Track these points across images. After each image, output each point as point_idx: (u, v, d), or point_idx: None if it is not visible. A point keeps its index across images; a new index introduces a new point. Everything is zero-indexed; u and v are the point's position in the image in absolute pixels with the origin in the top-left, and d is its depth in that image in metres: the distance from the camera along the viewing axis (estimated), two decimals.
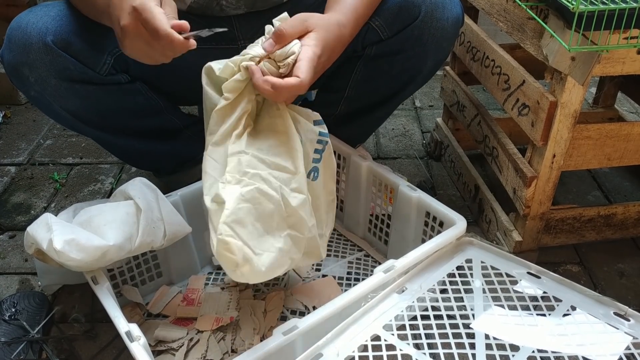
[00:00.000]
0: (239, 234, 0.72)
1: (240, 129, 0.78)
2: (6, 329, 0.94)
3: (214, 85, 0.80)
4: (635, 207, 1.12)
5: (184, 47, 0.73)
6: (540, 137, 0.96)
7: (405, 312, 0.80)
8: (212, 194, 0.75)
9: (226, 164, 0.76)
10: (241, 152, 0.77)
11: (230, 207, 0.72)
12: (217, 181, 0.76)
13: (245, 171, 0.76)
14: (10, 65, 0.93)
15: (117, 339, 0.97)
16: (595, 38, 0.81)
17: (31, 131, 1.64)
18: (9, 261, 1.17)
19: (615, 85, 1.46)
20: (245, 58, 0.77)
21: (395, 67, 1.06)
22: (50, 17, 0.91)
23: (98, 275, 0.85)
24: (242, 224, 0.73)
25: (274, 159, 0.78)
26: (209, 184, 0.77)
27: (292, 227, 0.78)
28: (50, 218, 0.84)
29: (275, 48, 0.76)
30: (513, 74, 1.04)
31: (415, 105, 1.79)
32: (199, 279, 1.07)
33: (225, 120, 0.78)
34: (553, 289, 0.83)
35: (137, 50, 0.76)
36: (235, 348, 0.93)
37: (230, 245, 0.71)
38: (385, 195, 1.09)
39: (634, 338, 0.74)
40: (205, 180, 0.77)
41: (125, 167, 1.47)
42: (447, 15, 0.98)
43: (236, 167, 0.76)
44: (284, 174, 0.78)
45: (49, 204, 1.34)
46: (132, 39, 0.74)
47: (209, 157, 0.78)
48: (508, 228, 1.10)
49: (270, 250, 0.75)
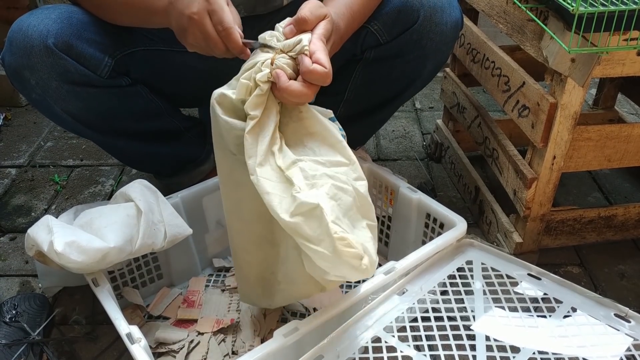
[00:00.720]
0: (346, 230, 0.69)
1: (278, 143, 0.75)
2: (7, 331, 0.94)
3: (231, 112, 0.76)
4: (635, 209, 1.11)
5: (238, 48, 0.76)
6: (541, 139, 0.96)
7: (405, 313, 0.80)
8: (289, 209, 0.70)
9: (285, 180, 0.73)
10: (295, 161, 0.74)
11: (327, 206, 0.68)
12: (284, 197, 0.71)
13: (313, 174, 0.73)
14: (12, 68, 0.93)
15: (117, 341, 0.97)
16: (595, 40, 0.82)
17: (32, 133, 1.64)
18: (10, 263, 1.17)
19: (615, 87, 1.47)
20: (256, 69, 0.73)
21: (394, 70, 1.06)
22: (51, 20, 0.91)
23: (99, 277, 0.85)
24: (341, 220, 0.70)
25: (327, 158, 0.76)
26: (277, 202, 0.71)
27: (365, 216, 0.75)
28: (50, 220, 0.85)
29: (294, 34, 0.75)
30: (513, 76, 1.04)
31: (416, 107, 1.79)
32: (200, 281, 1.07)
33: (259, 140, 0.73)
34: (553, 291, 0.83)
35: (196, 40, 0.79)
36: (236, 350, 0.93)
37: (349, 240, 0.67)
38: (385, 196, 1.09)
39: (634, 339, 0.74)
40: (272, 200, 0.71)
41: (125, 169, 1.47)
42: (446, 19, 0.98)
43: (301, 175, 0.73)
44: (342, 167, 0.76)
45: (50, 206, 1.34)
46: (194, 28, 0.77)
47: (262, 177, 0.72)
48: (508, 229, 1.11)
49: (367, 240, 0.71)
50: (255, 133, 0.73)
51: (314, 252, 0.69)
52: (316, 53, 0.72)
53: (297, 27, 0.75)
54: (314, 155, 0.76)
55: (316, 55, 0.72)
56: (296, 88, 0.72)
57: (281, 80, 0.72)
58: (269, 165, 0.73)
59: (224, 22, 0.75)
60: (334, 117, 0.84)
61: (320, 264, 0.70)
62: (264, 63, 0.73)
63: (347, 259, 0.67)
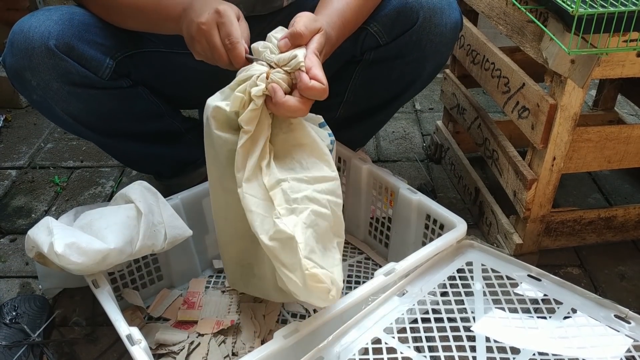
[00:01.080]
0: (317, 262, 0.72)
1: (267, 158, 0.76)
2: (7, 333, 0.94)
3: (225, 125, 0.78)
4: (635, 210, 1.12)
5: (241, 63, 0.77)
6: (541, 140, 0.96)
7: (405, 315, 0.80)
8: (269, 232, 0.73)
9: (268, 198, 0.75)
10: (279, 181, 0.75)
11: (302, 239, 0.71)
12: (265, 217, 0.74)
13: (294, 198, 0.74)
14: (13, 69, 0.93)
15: (117, 343, 0.97)
16: (594, 41, 0.82)
17: (32, 135, 1.65)
18: (10, 265, 1.17)
19: (615, 88, 1.47)
20: (251, 83, 0.74)
21: (394, 72, 1.06)
22: (52, 21, 0.91)
23: (99, 278, 0.85)
24: (314, 251, 0.73)
25: (311, 174, 0.77)
26: (259, 222, 0.74)
27: (337, 234, 0.78)
28: (51, 221, 0.85)
29: (289, 48, 0.76)
30: (513, 77, 1.04)
31: (416, 108, 1.79)
32: (200, 282, 1.07)
33: (250, 155, 0.75)
34: (554, 292, 0.83)
35: (203, 49, 0.80)
36: (236, 351, 0.93)
37: (319, 276, 0.71)
38: (385, 198, 1.09)
39: (634, 341, 0.74)
40: (254, 219, 0.74)
41: (125, 170, 1.47)
42: (446, 20, 0.98)
43: (283, 198, 0.74)
44: (326, 183, 0.77)
45: (50, 208, 1.34)
46: (202, 37, 0.78)
47: (247, 194, 0.75)
48: (508, 231, 1.11)
49: (336, 264, 0.75)
50: (247, 148, 0.75)
51: (286, 277, 0.73)
52: (312, 69, 0.73)
53: (292, 41, 0.76)
54: (300, 168, 0.78)
55: (313, 71, 0.73)
56: (293, 104, 0.73)
57: (278, 95, 0.73)
58: (256, 182, 0.75)
59: (232, 36, 0.76)
60: (324, 122, 0.86)
61: (291, 288, 0.73)
62: (259, 77, 0.74)
63: (316, 292, 0.71)
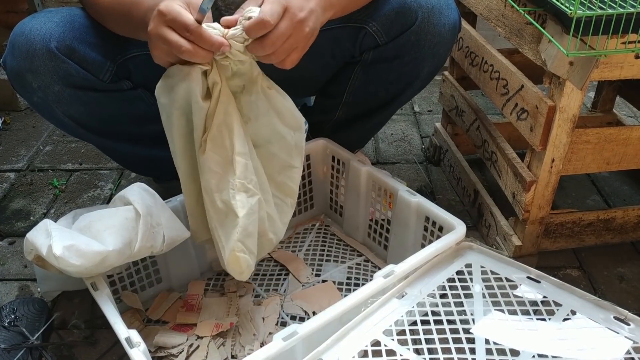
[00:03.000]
0: (247, 246, 0.82)
1: (236, 122, 0.80)
2: (6, 336, 0.93)
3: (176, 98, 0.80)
4: (634, 211, 1.12)
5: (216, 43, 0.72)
6: (539, 142, 0.96)
7: (405, 317, 0.80)
8: (222, 195, 0.80)
9: (231, 162, 0.79)
10: (245, 154, 0.80)
11: (243, 222, 0.80)
12: (222, 178, 0.80)
13: (251, 178, 0.82)
14: (14, 72, 0.93)
15: (116, 345, 0.97)
16: (593, 43, 0.82)
17: (31, 137, 1.64)
18: (9, 267, 1.16)
19: (613, 90, 1.47)
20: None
21: (392, 72, 1.07)
22: (53, 23, 0.91)
23: (98, 281, 0.85)
24: (250, 235, 0.82)
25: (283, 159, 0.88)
26: (215, 182, 0.80)
27: (273, 231, 0.90)
28: (49, 224, 0.85)
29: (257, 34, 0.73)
30: (512, 79, 1.04)
31: (414, 110, 1.79)
32: (199, 285, 1.07)
33: (217, 113, 0.79)
34: (553, 294, 0.83)
35: (165, 56, 0.76)
36: (235, 354, 0.93)
37: (240, 260, 0.82)
38: (384, 200, 1.09)
39: (634, 342, 0.74)
40: (211, 177, 0.80)
41: (124, 172, 1.47)
42: (444, 21, 0.99)
43: (244, 172, 0.80)
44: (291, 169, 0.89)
45: (49, 210, 1.34)
46: (158, 43, 0.73)
47: (211, 152, 0.79)
48: (507, 232, 1.11)
49: (253, 251, 0.84)
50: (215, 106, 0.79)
51: (217, 237, 0.83)
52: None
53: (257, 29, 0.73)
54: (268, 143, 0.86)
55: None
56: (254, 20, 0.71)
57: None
58: (221, 142, 0.80)
59: (189, 26, 0.70)
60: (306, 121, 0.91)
61: (216, 247, 0.85)
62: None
63: (230, 268, 0.83)
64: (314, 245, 1.18)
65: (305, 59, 0.81)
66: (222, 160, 0.80)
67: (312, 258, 1.14)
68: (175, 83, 0.78)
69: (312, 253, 1.16)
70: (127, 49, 1.00)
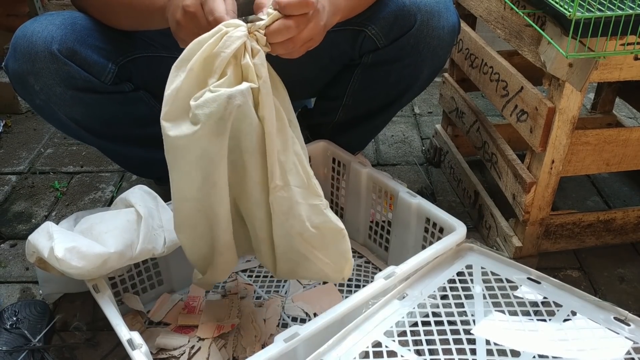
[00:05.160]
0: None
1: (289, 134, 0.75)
2: (7, 338, 0.94)
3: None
4: (634, 212, 1.12)
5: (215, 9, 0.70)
6: (539, 143, 0.97)
7: (406, 318, 0.80)
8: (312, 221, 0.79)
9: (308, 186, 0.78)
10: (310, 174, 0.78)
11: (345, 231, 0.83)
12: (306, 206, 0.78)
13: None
14: (16, 74, 0.93)
15: (118, 347, 0.97)
16: (592, 45, 0.82)
17: (32, 140, 1.65)
18: (10, 270, 1.17)
19: (613, 91, 1.47)
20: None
21: (392, 75, 1.07)
22: (55, 26, 0.92)
23: (99, 283, 0.85)
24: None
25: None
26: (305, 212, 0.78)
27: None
28: (51, 226, 0.85)
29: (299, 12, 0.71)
30: (511, 81, 1.05)
31: (415, 112, 1.80)
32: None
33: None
34: (553, 294, 0.83)
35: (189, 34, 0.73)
36: (237, 355, 0.93)
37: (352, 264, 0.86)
38: (385, 201, 1.09)
39: (634, 343, 0.75)
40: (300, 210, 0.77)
41: (126, 175, 1.47)
42: (443, 23, 0.99)
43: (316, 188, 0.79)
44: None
45: (50, 213, 1.34)
46: (188, 20, 0.72)
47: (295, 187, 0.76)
48: (508, 234, 1.11)
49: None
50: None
51: (314, 259, 0.81)
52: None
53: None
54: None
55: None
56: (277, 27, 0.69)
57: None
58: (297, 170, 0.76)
59: (215, 11, 0.70)
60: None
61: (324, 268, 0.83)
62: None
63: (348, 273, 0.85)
64: None
65: (305, 62, 0.81)
66: (301, 189, 0.76)
67: None
68: (224, 110, 0.67)
69: None
70: (129, 51, 1.01)
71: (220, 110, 0.67)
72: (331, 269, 0.83)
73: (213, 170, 0.72)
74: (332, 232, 0.80)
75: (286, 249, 0.81)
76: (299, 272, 0.85)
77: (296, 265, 0.83)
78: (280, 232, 0.79)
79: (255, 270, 1.12)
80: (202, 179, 0.73)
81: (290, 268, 0.84)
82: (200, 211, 0.77)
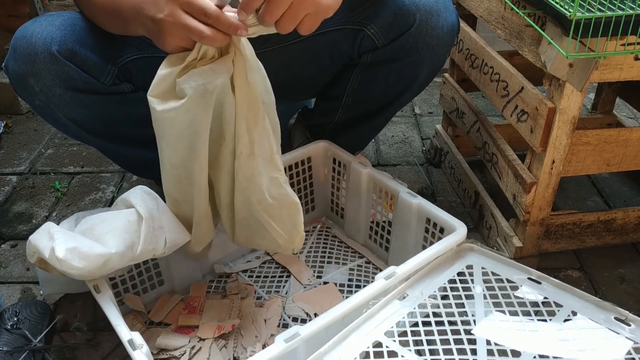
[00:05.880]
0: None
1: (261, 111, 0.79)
2: (8, 338, 0.94)
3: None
4: (635, 212, 1.12)
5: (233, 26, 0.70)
6: (540, 143, 0.97)
7: (406, 318, 0.80)
8: (271, 192, 0.86)
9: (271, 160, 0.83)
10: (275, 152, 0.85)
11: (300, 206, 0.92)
12: (267, 177, 0.85)
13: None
14: (16, 75, 0.93)
15: (119, 348, 0.97)
16: (592, 45, 0.82)
17: (32, 140, 1.65)
18: (11, 270, 1.17)
19: (613, 91, 1.47)
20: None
21: (391, 74, 1.07)
22: (55, 27, 0.92)
23: (100, 283, 0.85)
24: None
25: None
26: (266, 183, 0.85)
27: None
28: (52, 227, 0.85)
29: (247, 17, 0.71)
30: (512, 81, 1.05)
31: (415, 112, 1.80)
32: (201, 287, 1.07)
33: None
34: (554, 295, 0.83)
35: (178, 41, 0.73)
36: (237, 356, 0.93)
37: (303, 236, 0.95)
38: (385, 202, 1.09)
39: (634, 343, 0.75)
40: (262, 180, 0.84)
41: (126, 175, 1.48)
42: (442, 23, 0.99)
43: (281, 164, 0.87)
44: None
45: (51, 213, 1.34)
46: (173, 29, 0.71)
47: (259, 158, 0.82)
48: (508, 234, 1.11)
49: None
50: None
51: (270, 230, 0.89)
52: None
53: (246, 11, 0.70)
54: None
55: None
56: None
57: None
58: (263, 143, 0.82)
59: (207, 10, 0.68)
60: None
61: (277, 238, 0.91)
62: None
63: (299, 245, 0.94)
64: (315, 247, 1.18)
65: (306, 61, 0.81)
66: (265, 161, 0.83)
67: (314, 260, 1.15)
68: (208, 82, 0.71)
69: (313, 255, 1.16)
70: (128, 52, 1.01)
71: (206, 83, 0.72)
72: (284, 240, 0.91)
73: (196, 140, 0.78)
74: (288, 205, 0.88)
75: (246, 215, 0.89)
76: (255, 241, 0.93)
77: (253, 234, 0.92)
78: (241, 197, 0.85)
79: (255, 271, 1.12)
80: (186, 150, 0.79)
81: (247, 236, 0.93)
82: (186, 179, 0.84)
